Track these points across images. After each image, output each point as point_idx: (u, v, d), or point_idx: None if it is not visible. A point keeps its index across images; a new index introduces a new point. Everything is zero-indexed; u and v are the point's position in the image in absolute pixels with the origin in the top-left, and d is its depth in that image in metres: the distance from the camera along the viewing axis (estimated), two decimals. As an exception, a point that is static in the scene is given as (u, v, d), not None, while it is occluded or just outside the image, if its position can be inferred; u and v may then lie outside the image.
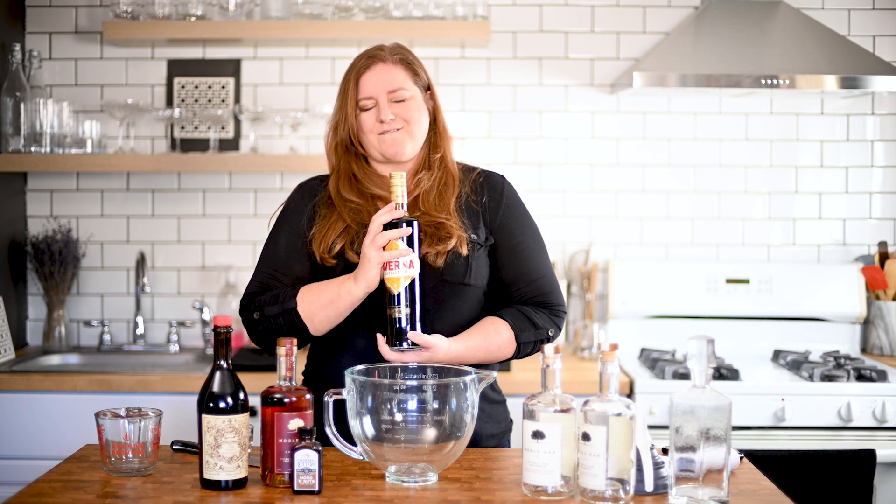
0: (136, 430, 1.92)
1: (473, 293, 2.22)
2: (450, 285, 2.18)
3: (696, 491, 1.75)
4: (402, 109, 2.22)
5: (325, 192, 2.29)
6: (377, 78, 2.22)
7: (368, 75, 2.23)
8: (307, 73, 3.74)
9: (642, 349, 3.53)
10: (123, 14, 3.53)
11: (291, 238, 2.25)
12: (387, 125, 2.21)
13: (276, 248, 2.26)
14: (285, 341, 1.90)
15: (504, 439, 2.31)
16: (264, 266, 2.25)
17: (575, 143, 3.77)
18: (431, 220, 2.18)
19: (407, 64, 2.26)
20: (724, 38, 3.50)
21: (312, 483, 1.81)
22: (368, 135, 2.23)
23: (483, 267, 2.23)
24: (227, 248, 3.75)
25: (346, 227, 2.20)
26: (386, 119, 2.20)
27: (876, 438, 3.11)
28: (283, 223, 2.28)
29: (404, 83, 2.23)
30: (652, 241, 3.79)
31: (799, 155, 3.79)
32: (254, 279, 2.26)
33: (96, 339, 3.73)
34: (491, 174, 2.33)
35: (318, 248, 2.20)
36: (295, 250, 2.23)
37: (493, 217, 2.27)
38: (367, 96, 2.22)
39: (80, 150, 3.55)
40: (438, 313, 2.18)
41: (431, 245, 2.16)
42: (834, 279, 3.65)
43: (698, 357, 1.76)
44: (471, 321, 2.22)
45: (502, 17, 3.73)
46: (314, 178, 2.36)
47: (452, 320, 2.20)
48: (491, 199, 2.28)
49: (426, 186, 2.24)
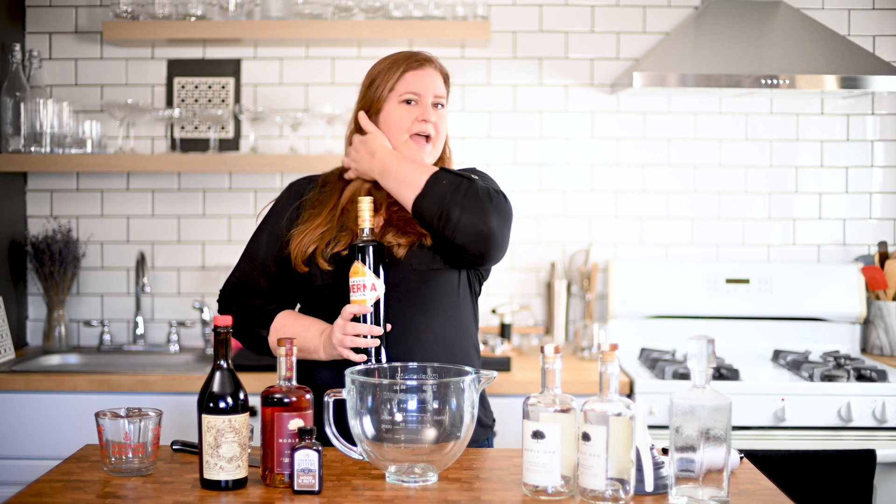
0: (136, 430, 1.92)
1: (443, 279, 2.23)
2: (418, 273, 2.20)
3: (696, 491, 1.75)
4: (439, 118, 2.28)
5: (312, 194, 2.31)
6: (429, 79, 2.28)
7: (420, 73, 2.27)
8: (307, 73, 3.74)
9: (642, 349, 3.53)
10: (123, 14, 3.53)
11: (271, 239, 2.30)
12: (425, 127, 2.25)
13: (257, 245, 2.32)
14: (285, 341, 1.90)
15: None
16: (244, 262, 2.33)
17: (575, 143, 3.77)
18: (404, 216, 2.22)
19: (446, 78, 2.34)
20: (724, 38, 3.50)
21: (312, 483, 1.81)
22: (401, 131, 2.25)
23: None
24: (227, 248, 3.75)
25: (322, 232, 2.23)
26: (429, 119, 2.25)
27: (876, 438, 3.11)
28: (267, 222, 2.34)
29: (444, 93, 2.31)
30: (652, 241, 3.79)
31: (799, 155, 3.79)
32: (234, 272, 2.34)
33: (96, 339, 3.73)
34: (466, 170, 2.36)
35: (293, 249, 2.23)
36: (272, 252, 2.29)
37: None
38: (415, 92, 2.25)
39: (80, 150, 3.55)
40: (411, 301, 2.19)
41: (395, 237, 2.19)
42: (834, 279, 3.65)
43: (698, 357, 1.76)
44: (442, 309, 2.22)
45: (502, 17, 3.73)
46: (304, 179, 2.38)
47: (421, 307, 2.20)
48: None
49: None
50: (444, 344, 2.22)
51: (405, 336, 2.18)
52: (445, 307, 2.24)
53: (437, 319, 2.22)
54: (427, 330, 2.20)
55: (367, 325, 2.08)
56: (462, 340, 2.27)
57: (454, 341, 2.25)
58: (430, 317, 2.21)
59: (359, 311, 2.09)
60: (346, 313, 2.10)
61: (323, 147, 3.70)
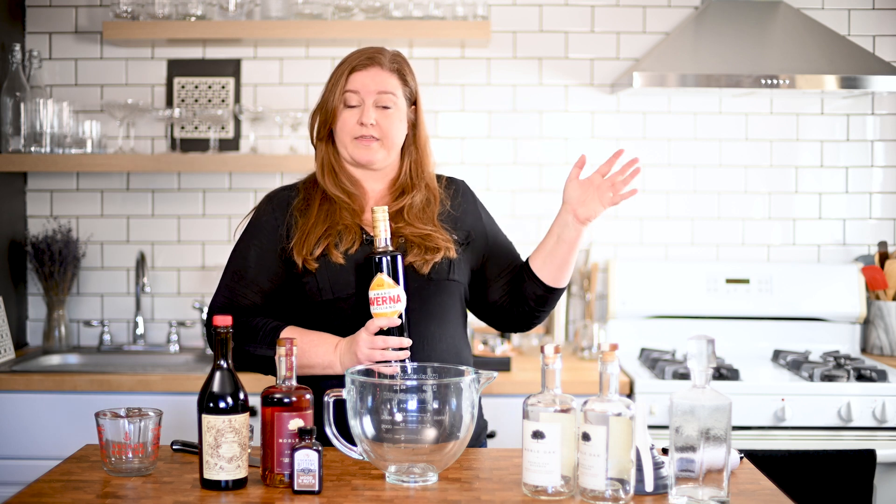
0: (136, 430, 1.92)
1: (456, 289, 2.25)
2: (434, 283, 2.20)
3: (696, 491, 1.75)
4: (384, 118, 2.23)
5: (297, 200, 2.27)
6: (370, 79, 2.23)
7: (362, 74, 2.23)
8: (307, 73, 3.74)
9: (642, 349, 3.53)
10: (123, 14, 3.53)
11: (262, 254, 2.24)
12: (366, 129, 2.21)
13: (245, 262, 2.25)
14: (285, 341, 1.90)
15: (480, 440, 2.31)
16: (231, 280, 2.25)
17: (575, 143, 3.77)
18: (418, 232, 2.20)
19: (401, 74, 2.27)
20: (724, 38, 3.50)
21: (312, 483, 1.81)
22: (344, 135, 2.23)
23: (465, 264, 2.27)
24: (227, 248, 3.66)
25: (326, 228, 2.21)
26: (367, 122, 2.21)
27: (876, 438, 3.11)
28: (253, 237, 2.27)
29: (394, 90, 2.24)
30: (652, 241, 3.79)
31: (799, 155, 3.79)
32: (220, 292, 2.26)
33: (96, 339, 3.73)
34: (453, 179, 2.38)
35: (299, 254, 2.19)
36: (265, 267, 2.23)
37: (474, 221, 2.32)
38: (354, 90, 2.22)
39: (80, 150, 3.55)
40: (424, 310, 2.18)
41: (419, 255, 2.18)
42: (834, 279, 3.65)
43: (698, 357, 1.76)
44: (453, 318, 2.24)
45: (502, 17, 3.73)
46: (283, 189, 2.34)
47: (437, 316, 2.21)
48: (465, 202, 2.34)
49: (410, 202, 2.25)
50: (455, 352, 2.23)
51: (422, 346, 2.16)
52: (455, 316, 2.25)
53: (449, 328, 2.23)
54: (441, 339, 2.20)
55: (397, 339, 2.04)
56: (466, 348, 2.29)
57: (461, 349, 2.26)
58: (444, 326, 2.21)
59: (387, 324, 2.04)
60: (372, 327, 2.04)
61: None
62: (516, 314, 2.30)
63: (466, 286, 2.29)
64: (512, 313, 2.31)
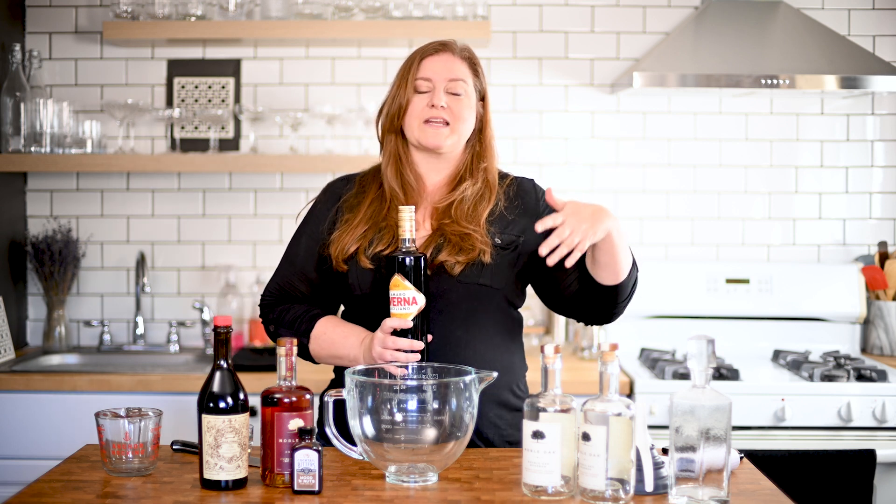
0: (136, 430, 1.92)
1: (490, 295, 2.19)
2: (464, 286, 2.16)
3: (696, 491, 1.75)
4: (455, 103, 2.21)
5: (349, 195, 2.27)
6: (441, 64, 2.22)
7: (433, 59, 2.23)
8: (307, 73, 3.74)
9: (642, 349, 3.53)
10: (123, 14, 3.53)
11: (310, 242, 2.26)
12: (436, 112, 2.19)
13: (297, 250, 2.28)
14: (285, 341, 1.90)
15: None
16: (284, 268, 2.29)
17: (575, 143, 3.77)
18: (459, 231, 2.16)
19: (472, 64, 2.27)
20: (724, 38, 3.50)
21: (312, 483, 1.81)
22: (413, 119, 2.21)
23: (504, 270, 2.20)
24: (227, 248, 3.75)
25: (364, 230, 2.19)
26: (438, 104, 2.19)
27: (876, 438, 3.11)
28: (306, 225, 2.30)
29: (465, 77, 2.24)
30: (652, 241, 3.79)
31: (799, 155, 3.79)
32: (274, 278, 2.30)
33: (96, 339, 3.73)
34: (519, 179, 2.33)
35: (333, 251, 2.19)
36: (312, 256, 2.25)
37: (530, 222, 2.18)
38: (426, 77, 2.21)
39: (80, 150, 3.55)
40: (452, 314, 2.16)
41: (451, 254, 2.14)
42: (834, 279, 3.65)
43: (698, 357, 1.76)
44: (491, 326, 2.20)
45: (502, 17, 3.73)
46: (341, 179, 2.34)
47: (464, 320, 2.17)
48: (526, 203, 2.27)
49: (462, 196, 2.21)
50: (484, 359, 2.16)
51: (444, 349, 2.14)
52: (487, 322, 2.20)
53: (479, 336, 2.18)
54: (468, 344, 2.17)
55: (408, 340, 2.03)
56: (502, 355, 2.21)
57: (495, 357, 2.19)
58: (471, 332, 2.17)
59: (399, 325, 2.03)
60: (385, 327, 2.04)
61: (323, 147, 3.70)
62: (593, 307, 2.22)
63: (511, 292, 2.22)
64: (589, 306, 2.22)
